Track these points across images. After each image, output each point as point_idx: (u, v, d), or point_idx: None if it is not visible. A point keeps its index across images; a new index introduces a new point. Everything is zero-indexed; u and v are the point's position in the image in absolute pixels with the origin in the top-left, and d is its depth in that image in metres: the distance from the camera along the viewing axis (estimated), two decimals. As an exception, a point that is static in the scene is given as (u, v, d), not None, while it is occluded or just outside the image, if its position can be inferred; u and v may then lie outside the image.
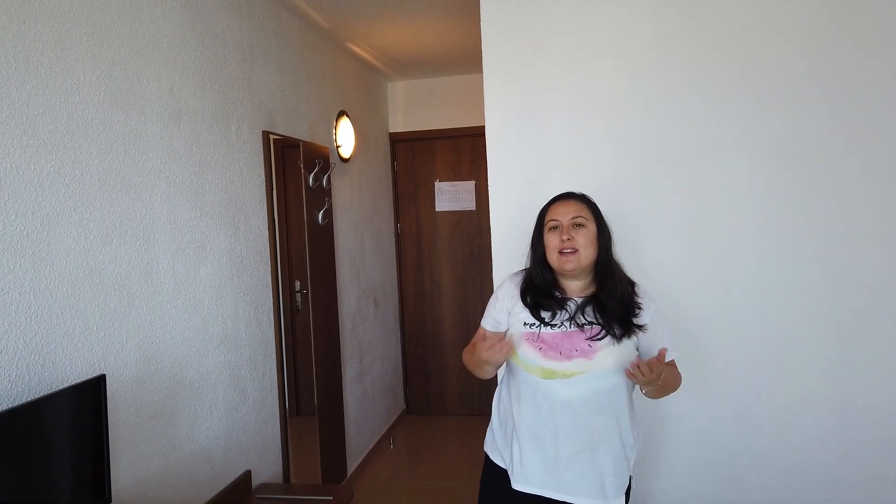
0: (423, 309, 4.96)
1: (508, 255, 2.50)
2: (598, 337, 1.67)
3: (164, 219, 2.17)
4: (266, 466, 2.81)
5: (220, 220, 2.50)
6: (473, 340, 1.87)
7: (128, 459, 1.95)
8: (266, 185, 2.87)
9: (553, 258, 1.72)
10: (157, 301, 2.12)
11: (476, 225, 4.85)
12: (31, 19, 1.66)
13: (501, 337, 1.75)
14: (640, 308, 1.72)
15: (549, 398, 1.68)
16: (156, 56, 2.15)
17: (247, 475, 2.59)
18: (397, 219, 4.96)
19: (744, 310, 2.35)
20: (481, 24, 2.49)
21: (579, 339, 1.67)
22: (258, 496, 2.58)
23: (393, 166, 4.92)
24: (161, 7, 2.20)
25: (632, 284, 1.77)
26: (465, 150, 4.84)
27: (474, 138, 4.77)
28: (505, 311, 1.80)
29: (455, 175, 4.87)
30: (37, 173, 1.66)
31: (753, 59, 2.31)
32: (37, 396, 1.62)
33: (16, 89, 1.61)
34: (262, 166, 2.85)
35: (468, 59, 4.30)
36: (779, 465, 2.36)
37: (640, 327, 1.70)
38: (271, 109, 2.97)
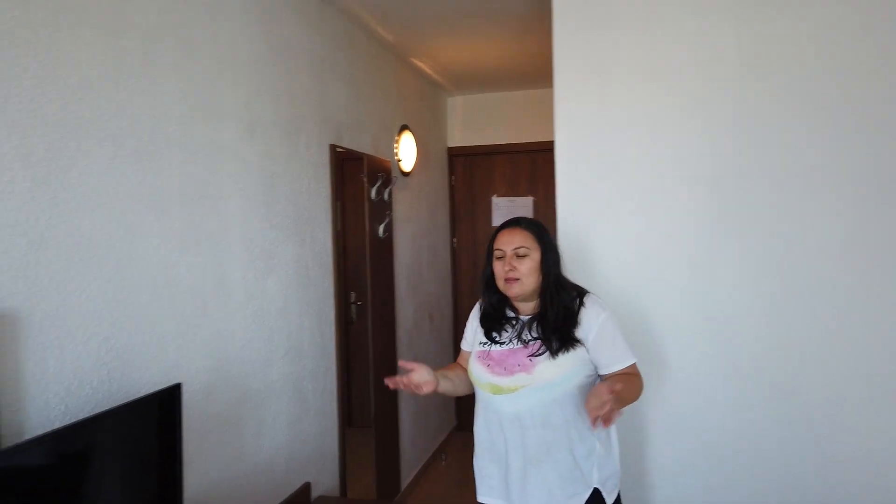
0: (477, 324, 4.91)
1: (574, 270, 2.45)
2: (538, 353, 1.73)
3: (237, 229, 2.20)
4: (324, 479, 2.80)
5: (288, 231, 2.52)
6: (457, 360, 2.01)
7: (196, 468, 1.96)
8: (332, 198, 2.89)
9: (500, 284, 1.80)
10: (227, 311, 2.14)
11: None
12: (122, 33, 1.71)
13: (408, 382, 1.77)
14: (578, 323, 1.75)
15: (497, 413, 1.77)
16: (234, 70, 2.19)
17: (306, 487, 2.59)
18: (453, 233, 4.94)
19: (835, 341, 2.24)
20: (553, 41, 2.46)
21: (522, 354, 1.76)
22: (317, 509, 2.57)
23: (450, 181, 4.91)
24: (240, 21, 2.24)
25: (581, 296, 1.81)
26: (523, 165, 4.80)
27: (533, 154, 4.73)
28: (472, 332, 1.93)
29: (513, 191, 4.83)
30: (122, 183, 1.70)
31: (839, 80, 2.21)
32: (117, 403, 1.64)
33: (106, 101, 1.65)
34: (329, 179, 2.87)
35: (529, 75, 4.28)
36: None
37: (577, 341, 1.73)
38: (338, 123, 2.99)
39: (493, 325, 1.84)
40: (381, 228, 3.41)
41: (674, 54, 2.34)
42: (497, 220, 4.84)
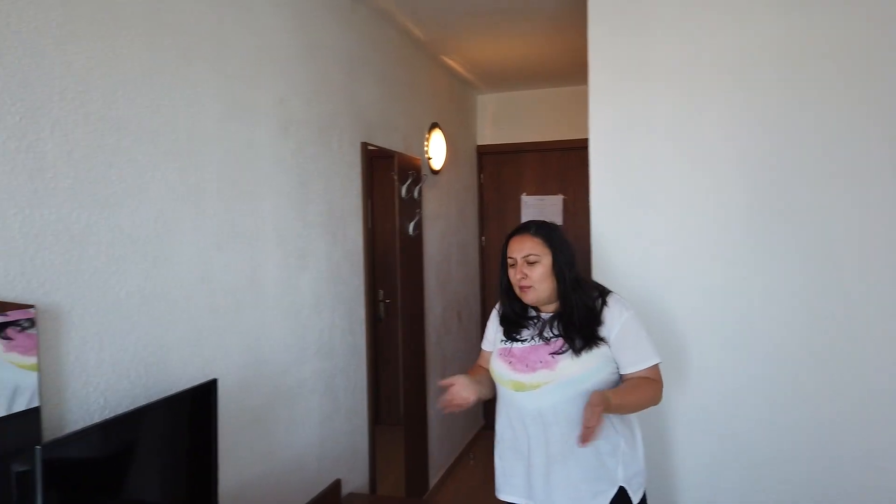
0: (505, 323, 4.89)
1: (608, 269, 2.42)
2: (560, 350, 1.74)
3: (271, 227, 2.21)
4: (354, 476, 2.81)
5: (320, 229, 2.53)
6: (478, 361, 2.02)
7: (229, 464, 1.97)
8: (363, 196, 2.89)
9: (516, 290, 1.82)
10: (261, 308, 2.15)
11: (562, 240, 4.74)
12: (160, 32, 1.72)
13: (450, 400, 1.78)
14: (601, 322, 1.75)
15: (520, 410, 1.77)
16: (268, 68, 2.20)
17: (337, 484, 2.60)
18: (482, 232, 4.92)
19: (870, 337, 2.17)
20: (588, 37, 2.43)
21: (544, 352, 1.76)
22: (347, 507, 2.57)
23: (479, 179, 4.89)
24: (274, 20, 2.25)
25: (603, 295, 1.80)
26: (553, 163, 4.76)
27: (564, 152, 4.68)
28: (493, 332, 1.94)
29: (542, 189, 4.80)
30: (160, 180, 1.72)
31: (879, 76, 2.14)
32: (153, 398, 1.66)
33: (145, 99, 1.67)
34: (360, 177, 2.87)
35: (560, 72, 4.24)
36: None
37: (601, 339, 1.73)
38: (370, 121, 3.00)
39: (514, 324, 1.85)
40: (411, 226, 3.40)
41: (708, 54, 2.30)
42: (527, 219, 4.81)
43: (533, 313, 1.85)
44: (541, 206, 4.79)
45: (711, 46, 2.29)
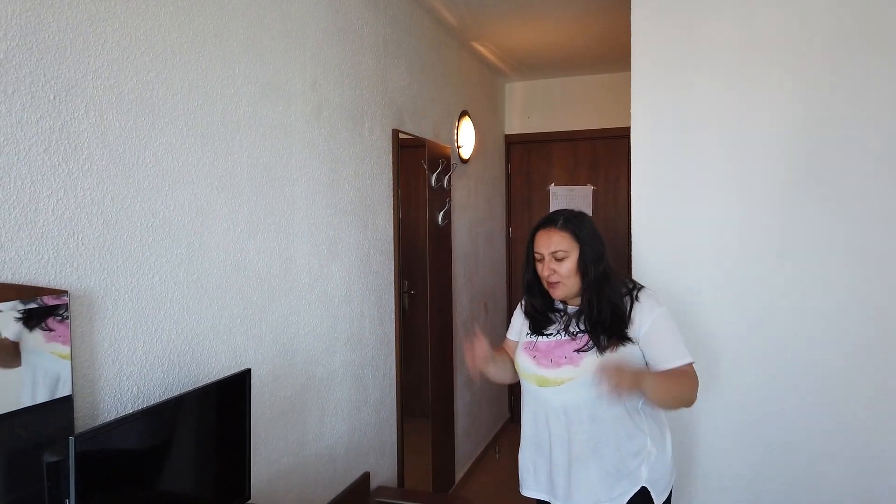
0: (531, 316, 4.81)
1: (647, 260, 2.34)
2: (585, 347, 1.68)
3: (303, 214, 2.16)
4: (382, 469, 2.76)
5: (351, 217, 2.47)
6: (503, 346, 1.95)
7: (261, 455, 1.93)
8: (393, 184, 2.83)
9: (545, 286, 1.75)
10: (293, 296, 2.10)
11: (591, 232, 4.64)
12: (194, 12, 1.67)
13: (481, 346, 1.76)
14: (630, 320, 1.67)
15: (545, 406, 1.72)
16: (301, 51, 2.15)
17: (366, 477, 2.55)
18: (509, 222, 4.84)
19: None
20: (631, 19, 2.34)
21: (569, 347, 1.70)
22: (376, 499, 2.53)
23: (507, 169, 4.81)
24: (307, 1, 2.19)
25: (634, 291, 1.72)
26: (583, 153, 4.66)
27: (594, 141, 4.58)
28: (519, 324, 1.88)
29: (572, 179, 4.70)
30: (194, 164, 1.67)
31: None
32: (186, 387, 1.62)
33: (179, 80, 1.62)
34: (391, 165, 2.81)
35: (592, 59, 4.13)
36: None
37: (628, 339, 1.66)
38: (400, 107, 2.93)
39: (540, 319, 1.79)
40: (440, 216, 3.34)
41: (758, 39, 2.19)
42: (555, 210, 4.72)
43: (560, 306, 1.78)
44: (570, 197, 4.70)
45: (762, 31, 2.19)
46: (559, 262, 1.69)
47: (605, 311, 1.67)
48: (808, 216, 2.17)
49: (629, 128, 2.40)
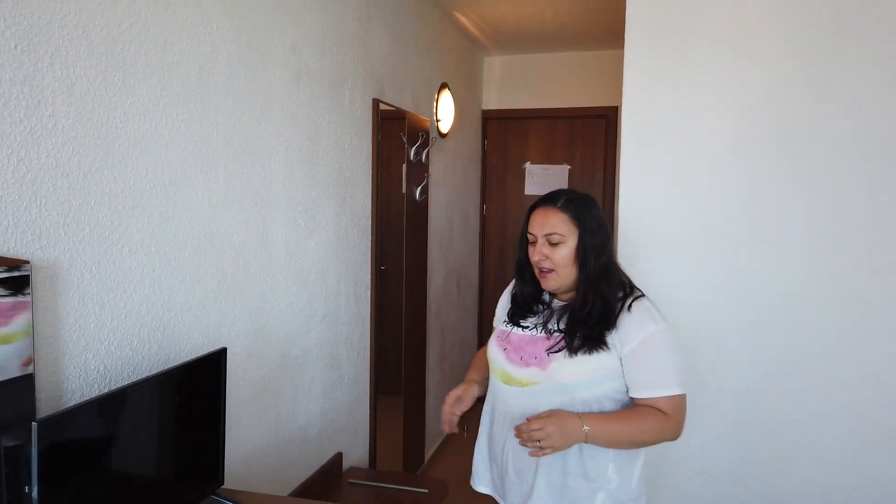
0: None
1: (635, 248, 2.30)
2: (556, 349, 1.46)
3: (280, 185, 2.05)
4: (355, 449, 2.70)
5: (329, 190, 2.37)
6: (488, 342, 1.69)
7: (235, 437, 1.84)
8: (373, 157, 2.72)
9: (536, 272, 1.54)
10: (269, 271, 2.00)
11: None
12: (171, -40, 1.53)
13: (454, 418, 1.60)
14: (612, 327, 1.44)
15: (505, 405, 1.54)
16: (282, 10, 2.02)
17: (338, 457, 2.49)
18: (483, 200, 4.77)
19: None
20: (626, -5, 2.26)
21: (541, 346, 1.49)
22: (349, 480, 2.47)
23: (483, 145, 4.73)
24: (290, -42, 2.05)
25: (629, 297, 1.48)
26: (561, 132, 4.60)
27: (572, 120, 4.53)
28: (502, 308, 1.69)
29: (548, 158, 4.65)
30: (168, 127, 1.55)
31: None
32: (157, 367, 1.52)
33: (153, 33, 1.49)
34: (371, 136, 2.70)
35: (576, 36, 4.06)
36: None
37: (604, 344, 1.43)
38: (381, 76, 2.81)
39: (523, 308, 1.60)
40: (417, 191, 3.25)
41: (757, 15, 2.14)
42: (530, 189, 4.67)
43: (546, 298, 1.58)
44: (545, 176, 4.64)
45: (762, 7, 2.14)
46: (553, 248, 1.47)
47: (596, 311, 1.45)
48: (800, 202, 2.14)
49: (609, 107, 2.34)
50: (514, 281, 1.66)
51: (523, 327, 1.56)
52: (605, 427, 1.40)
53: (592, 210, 1.50)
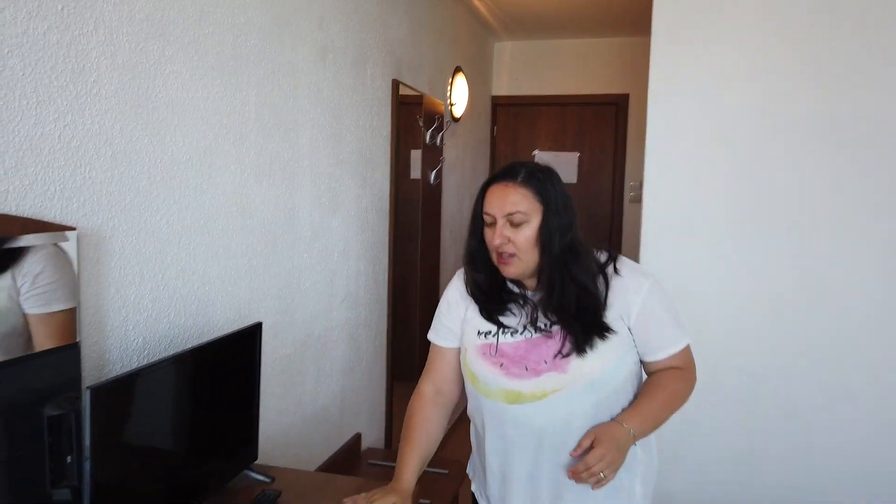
0: (510, 282, 4.77)
1: (661, 229, 2.29)
2: (566, 349, 1.27)
3: (307, 162, 2.03)
4: (372, 430, 2.70)
5: (352, 169, 2.35)
6: (428, 364, 1.47)
7: (262, 414, 1.83)
8: (392, 137, 2.71)
9: (494, 259, 1.30)
10: (296, 249, 1.99)
11: (574, 200, 4.58)
12: (208, -72, 1.51)
13: None
14: (607, 305, 1.29)
15: (520, 428, 1.29)
16: (310, -15, 2.00)
17: (357, 438, 2.49)
18: (492, 187, 4.75)
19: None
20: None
21: (546, 348, 1.28)
22: (368, 461, 2.47)
23: (493, 131, 4.71)
24: (317, -68, 2.03)
25: (608, 266, 1.32)
26: (571, 119, 4.59)
27: (582, 107, 4.51)
28: (459, 318, 1.39)
29: (558, 145, 4.63)
30: (203, 98, 1.53)
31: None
32: (192, 341, 1.51)
33: (191, 3, 1.46)
34: (390, 116, 2.69)
35: (589, 22, 4.04)
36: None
37: (608, 329, 1.27)
38: (400, 58, 2.79)
39: (493, 302, 1.34)
40: (432, 174, 3.24)
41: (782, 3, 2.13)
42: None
43: (515, 289, 1.35)
44: (555, 164, 4.56)
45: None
46: (515, 229, 1.25)
47: (570, 296, 1.27)
48: (828, 188, 2.14)
49: (620, 94, 2.32)
50: (451, 287, 1.43)
51: (511, 332, 1.31)
52: (643, 417, 1.27)
53: (557, 185, 1.30)
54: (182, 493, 1.34)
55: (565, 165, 4.61)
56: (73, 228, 1.16)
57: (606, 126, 4.47)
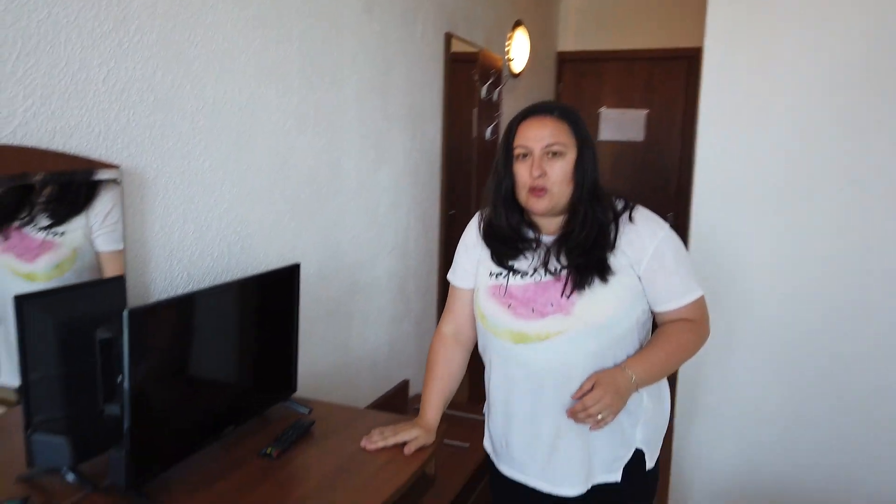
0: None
1: (714, 190, 2.21)
2: (570, 289, 1.28)
3: (353, 114, 2.08)
4: (420, 380, 2.77)
5: (400, 123, 2.39)
6: (448, 305, 1.51)
7: (306, 351, 1.93)
8: (444, 92, 2.72)
9: (522, 196, 1.31)
10: (341, 199, 2.06)
11: (640, 159, 4.48)
12: None
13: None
14: (612, 247, 1.29)
15: (524, 368, 1.31)
16: (356, -63, 2.02)
17: (405, 384, 2.57)
18: (556, 146, 4.68)
19: None
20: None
21: (554, 290, 1.29)
22: (415, 407, 2.55)
23: (557, 88, 4.62)
24: None
25: (624, 211, 1.33)
26: (639, 74, 4.43)
27: (651, 62, 4.35)
28: (474, 260, 1.42)
29: (625, 102, 4.49)
30: (244, 49, 1.60)
31: None
32: (234, 278, 1.60)
33: (231, -45, 1.52)
34: (442, 71, 2.69)
35: (658, -29, 3.86)
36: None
37: (609, 270, 1.27)
38: (453, 10, 2.78)
39: (506, 248, 1.36)
40: (488, 131, 3.23)
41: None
42: (605, 134, 4.55)
43: (530, 234, 1.36)
44: (621, 122, 4.50)
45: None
46: (553, 160, 1.27)
47: (590, 235, 1.29)
48: (886, 143, 2.00)
49: (691, 48, 2.22)
50: (473, 226, 1.46)
51: (520, 274, 1.33)
52: (648, 366, 1.29)
53: (584, 124, 1.33)
54: (219, 418, 1.45)
55: (632, 123, 4.48)
56: (116, 166, 1.25)
57: (676, 82, 4.29)
